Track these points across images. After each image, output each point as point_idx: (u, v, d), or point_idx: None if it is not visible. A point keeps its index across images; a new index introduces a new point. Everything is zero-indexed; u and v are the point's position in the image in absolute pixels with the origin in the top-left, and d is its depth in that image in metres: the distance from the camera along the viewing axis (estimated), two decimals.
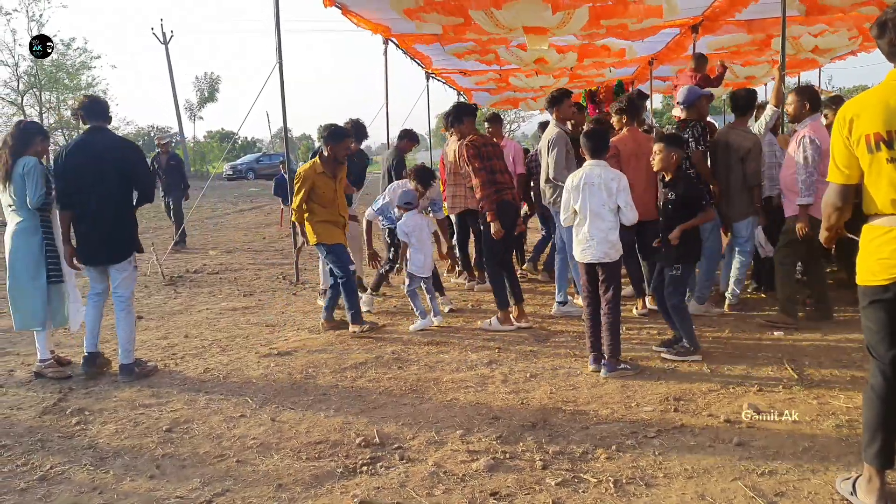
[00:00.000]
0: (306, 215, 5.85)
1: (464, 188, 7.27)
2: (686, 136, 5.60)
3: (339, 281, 5.86)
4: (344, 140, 5.97)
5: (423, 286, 6.10)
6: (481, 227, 6.10)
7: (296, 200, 5.86)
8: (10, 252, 4.92)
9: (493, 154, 5.82)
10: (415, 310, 5.96)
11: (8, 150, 4.87)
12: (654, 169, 4.96)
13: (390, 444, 3.60)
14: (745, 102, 5.98)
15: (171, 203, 12.19)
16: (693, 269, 5.00)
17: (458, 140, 6.06)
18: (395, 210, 6.42)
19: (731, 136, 5.86)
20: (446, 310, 6.46)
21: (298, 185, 5.82)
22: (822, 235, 2.98)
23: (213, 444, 3.68)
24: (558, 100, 6.01)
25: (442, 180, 7.38)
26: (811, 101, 5.35)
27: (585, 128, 5.34)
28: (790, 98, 5.50)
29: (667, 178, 4.89)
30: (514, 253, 7.60)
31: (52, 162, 5.20)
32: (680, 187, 4.80)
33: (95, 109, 4.87)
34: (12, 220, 4.95)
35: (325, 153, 5.89)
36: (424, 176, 6.59)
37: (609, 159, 4.91)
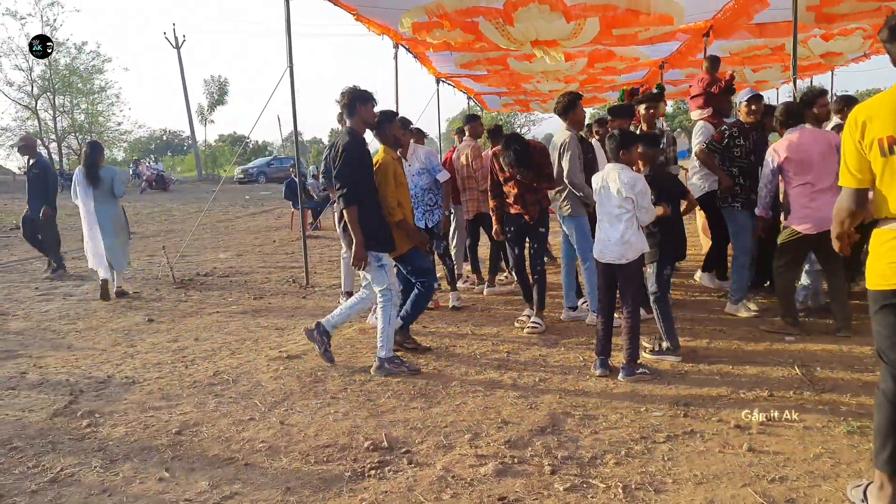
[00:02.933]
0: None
1: (476, 192, 7.29)
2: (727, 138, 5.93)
3: (420, 289, 5.31)
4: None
5: None
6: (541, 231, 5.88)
7: (391, 201, 5.04)
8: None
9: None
10: None
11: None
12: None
13: (399, 448, 3.60)
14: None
15: (33, 221, 9.55)
16: (669, 265, 5.00)
17: (471, 142, 6.06)
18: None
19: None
20: (450, 305, 6.67)
21: (383, 177, 5.03)
22: (836, 245, 2.95)
23: (222, 447, 3.69)
24: (571, 104, 5.96)
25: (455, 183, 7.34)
26: (786, 115, 5.43)
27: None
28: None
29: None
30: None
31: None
32: (655, 181, 4.84)
33: None
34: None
35: (385, 132, 5.22)
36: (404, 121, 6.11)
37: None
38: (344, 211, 4.75)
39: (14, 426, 4.08)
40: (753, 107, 5.91)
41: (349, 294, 6.60)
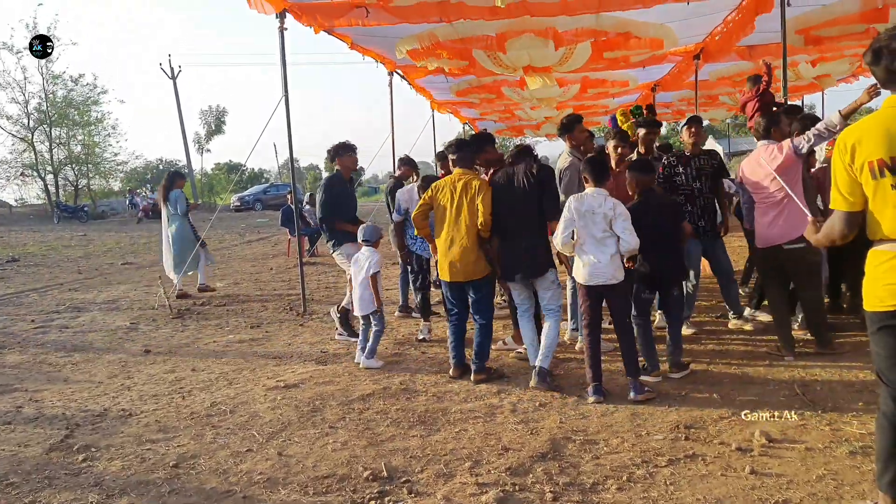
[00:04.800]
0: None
1: None
2: None
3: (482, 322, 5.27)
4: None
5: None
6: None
7: (488, 219, 5.05)
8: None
9: None
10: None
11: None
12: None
13: (398, 477, 3.57)
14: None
15: None
16: (646, 288, 5.03)
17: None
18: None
19: None
20: (420, 337, 6.55)
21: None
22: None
23: (220, 480, 3.65)
24: (570, 126, 5.94)
25: None
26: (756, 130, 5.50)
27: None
28: None
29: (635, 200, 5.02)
30: None
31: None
32: (645, 208, 4.90)
33: None
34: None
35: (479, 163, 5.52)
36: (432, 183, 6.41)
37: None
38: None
39: (10, 461, 4.03)
40: (693, 129, 5.96)
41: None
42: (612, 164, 5.77)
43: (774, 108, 6.68)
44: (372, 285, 5.75)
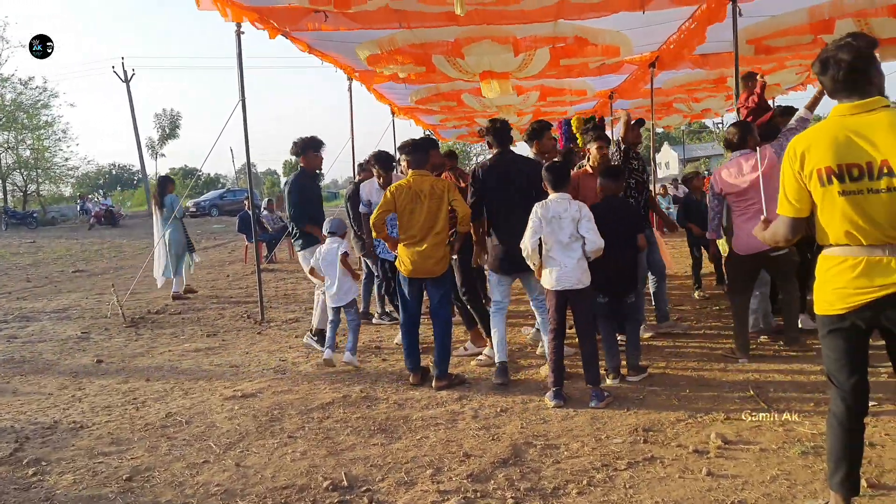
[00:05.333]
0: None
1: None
2: None
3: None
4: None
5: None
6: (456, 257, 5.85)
7: (468, 210, 5.23)
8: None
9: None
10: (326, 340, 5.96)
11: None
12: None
13: (359, 486, 3.54)
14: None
15: None
16: (600, 293, 5.07)
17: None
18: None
19: None
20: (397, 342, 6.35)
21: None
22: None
23: (176, 493, 3.57)
24: (539, 133, 5.98)
25: None
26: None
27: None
28: None
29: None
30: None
31: None
32: (607, 212, 5.00)
33: None
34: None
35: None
36: (384, 159, 6.42)
37: None
38: None
39: None
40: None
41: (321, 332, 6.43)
42: (591, 165, 5.89)
43: (769, 112, 6.82)
44: (344, 264, 5.80)
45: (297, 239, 6.61)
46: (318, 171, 6.84)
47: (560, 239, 4.66)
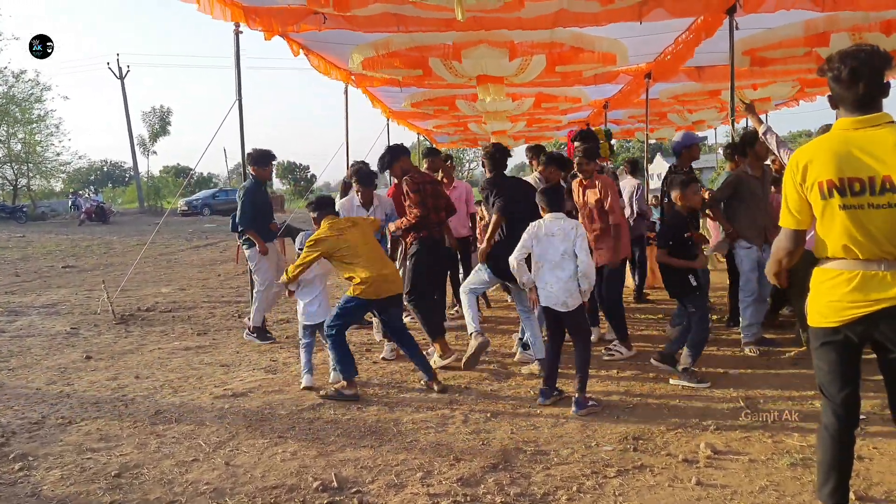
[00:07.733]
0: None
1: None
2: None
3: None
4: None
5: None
6: (407, 262, 6.00)
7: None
8: None
9: (432, 192, 5.97)
10: (302, 364, 5.40)
11: None
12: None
13: (349, 487, 3.53)
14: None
15: None
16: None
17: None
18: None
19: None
20: (384, 356, 6.16)
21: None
22: (772, 280, 3.05)
23: (165, 490, 3.55)
24: (545, 158, 6.37)
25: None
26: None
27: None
28: None
29: None
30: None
31: None
32: None
33: None
34: None
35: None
36: (364, 176, 6.53)
37: None
38: None
39: None
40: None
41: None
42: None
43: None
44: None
45: (242, 242, 7.08)
46: (267, 181, 7.51)
47: (550, 257, 4.67)
